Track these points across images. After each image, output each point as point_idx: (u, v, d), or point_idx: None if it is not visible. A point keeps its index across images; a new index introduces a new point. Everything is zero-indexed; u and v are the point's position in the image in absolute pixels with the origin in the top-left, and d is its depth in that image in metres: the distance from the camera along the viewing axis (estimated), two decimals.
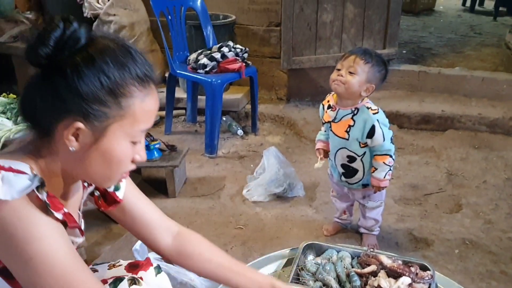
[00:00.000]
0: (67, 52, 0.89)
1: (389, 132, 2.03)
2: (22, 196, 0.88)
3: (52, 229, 0.91)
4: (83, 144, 0.94)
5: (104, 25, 3.75)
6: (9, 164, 0.90)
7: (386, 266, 1.59)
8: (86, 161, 0.97)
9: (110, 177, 1.02)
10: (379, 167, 2.04)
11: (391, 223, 2.50)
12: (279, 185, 2.72)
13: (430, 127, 3.66)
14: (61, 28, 0.88)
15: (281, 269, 1.71)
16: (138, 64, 0.95)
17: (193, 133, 3.65)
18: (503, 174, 3.03)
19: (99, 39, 0.94)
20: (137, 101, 0.95)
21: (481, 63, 4.65)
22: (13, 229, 0.87)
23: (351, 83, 1.93)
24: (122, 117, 0.94)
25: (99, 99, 0.90)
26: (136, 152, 1.01)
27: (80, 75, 0.88)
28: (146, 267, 1.26)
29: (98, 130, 0.93)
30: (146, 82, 0.96)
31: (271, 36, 3.96)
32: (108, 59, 0.91)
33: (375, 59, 1.96)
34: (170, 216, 2.49)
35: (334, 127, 2.09)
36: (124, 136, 0.96)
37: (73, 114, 0.90)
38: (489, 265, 2.21)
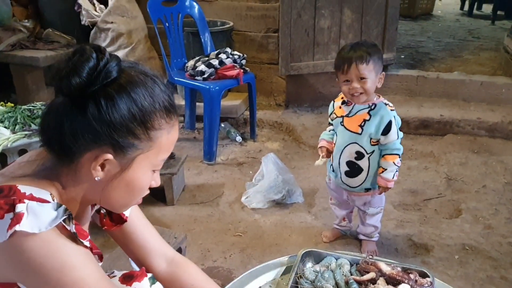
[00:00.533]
0: (100, 84, 0.89)
1: (400, 132, 2.03)
2: (50, 229, 0.87)
3: (85, 257, 0.92)
4: (108, 174, 0.95)
5: (101, 33, 3.76)
6: (30, 191, 0.89)
7: (385, 273, 1.57)
8: (108, 189, 0.98)
9: (128, 204, 1.06)
10: (389, 167, 2.02)
11: (391, 229, 2.49)
12: (278, 191, 2.71)
13: (429, 132, 3.66)
14: (94, 59, 0.88)
15: (279, 277, 1.69)
16: (165, 95, 0.96)
17: (191, 140, 3.64)
18: (502, 178, 3.02)
19: (128, 70, 0.94)
20: (164, 133, 0.96)
21: (480, 67, 4.65)
22: (44, 259, 0.86)
23: (368, 88, 1.95)
24: (149, 148, 0.95)
25: (130, 131, 0.91)
26: (153, 179, 1.04)
27: (114, 107, 0.89)
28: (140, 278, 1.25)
29: (125, 161, 0.95)
30: (172, 114, 0.98)
31: (269, 42, 3.96)
32: (139, 90, 0.92)
33: (370, 51, 1.93)
34: (169, 224, 2.52)
35: (346, 122, 2.07)
36: (148, 166, 0.99)
37: (103, 145, 0.91)
38: (489, 270, 2.19)
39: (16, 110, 2.74)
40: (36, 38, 3.95)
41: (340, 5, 3.69)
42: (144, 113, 0.92)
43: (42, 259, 0.86)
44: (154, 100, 0.94)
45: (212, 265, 2.21)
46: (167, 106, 0.96)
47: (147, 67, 1.00)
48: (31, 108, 2.80)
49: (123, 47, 3.77)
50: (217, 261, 2.24)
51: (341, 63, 1.97)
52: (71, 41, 3.93)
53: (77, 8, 3.83)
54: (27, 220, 0.85)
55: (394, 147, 2.02)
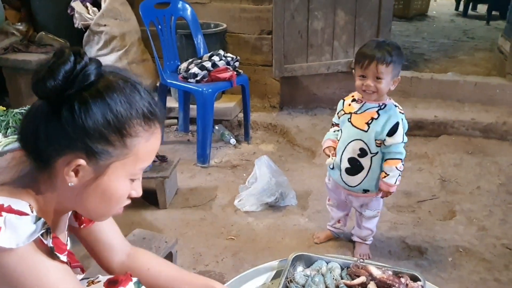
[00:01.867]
0: (76, 87, 0.87)
1: (405, 137, 2.03)
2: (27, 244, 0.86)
3: (60, 273, 0.91)
4: (82, 181, 0.93)
5: (94, 35, 3.75)
6: (9, 203, 0.87)
7: (375, 277, 1.56)
8: (84, 197, 0.96)
9: (106, 213, 1.03)
10: (391, 172, 2.01)
11: (384, 231, 2.48)
12: (271, 194, 2.70)
13: (423, 133, 3.65)
14: (71, 62, 0.87)
15: (270, 281, 1.68)
16: (145, 102, 0.94)
17: (185, 143, 3.62)
18: (497, 179, 3.01)
19: (108, 75, 0.92)
20: (142, 140, 0.94)
21: (474, 67, 4.65)
22: (22, 277, 0.86)
23: (382, 88, 1.95)
24: (125, 156, 0.93)
25: (104, 137, 0.89)
26: (133, 188, 1.01)
27: (88, 112, 0.87)
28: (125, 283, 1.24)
29: (99, 167, 0.92)
30: (151, 121, 0.95)
31: (263, 44, 3.96)
32: (115, 96, 0.89)
33: (393, 54, 1.93)
34: (161, 228, 2.51)
35: (354, 118, 2.06)
36: (125, 174, 0.96)
37: (76, 150, 0.89)
38: (483, 272, 2.19)
39: (8, 113, 2.72)
40: (29, 42, 3.94)
41: (333, 7, 3.68)
42: (119, 119, 0.90)
43: (18, 276, 0.85)
44: (132, 107, 0.91)
45: (204, 269, 2.20)
46: (145, 114, 0.93)
47: (130, 73, 0.98)
48: (23, 111, 2.78)
49: (116, 49, 3.75)
50: (209, 265, 2.23)
51: (362, 58, 1.96)
52: (64, 44, 3.91)
53: (70, 11, 3.82)
54: (4, 234, 0.83)
55: (397, 151, 2.01)
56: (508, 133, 3.54)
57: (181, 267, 1.40)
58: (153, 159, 1.02)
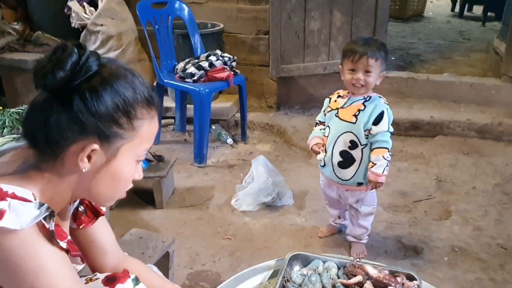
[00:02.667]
0: (83, 77, 0.92)
1: (391, 127, 2.08)
2: (30, 226, 0.89)
3: (59, 261, 0.93)
4: (94, 165, 0.98)
5: (91, 35, 3.74)
6: (13, 190, 0.90)
7: (372, 276, 1.57)
8: (94, 181, 1.00)
9: (113, 197, 1.07)
10: (378, 161, 2.04)
11: (380, 231, 2.49)
12: (268, 194, 2.70)
13: (419, 134, 3.66)
14: (76, 54, 0.92)
15: (267, 281, 1.69)
16: (145, 88, 1.01)
17: (182, 143, 3.63)
18: (492, 180, 3.02)
19: (108, 64, 0.98)
20: (146, 122, 1.00)
21: (470, 68, 4.67)
22: (21, 261, 0.88)
23: (370, 82, 2.03)
24: (132, 137, 0.99)
25: (115, 120, 0.95)
26: (135, 171, 1.06)
27: (99, 98, 0.92)
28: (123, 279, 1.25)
29: (110, 151, 0.97)
30: (152, 105, 1.02)
31: (259, 44, 3.96)
32: (121, 82, 0.96)
33: (381, 49, 2.02)
34: (158, 228, 2.51)
35: (341, 112, 2.11)
36: (132, 156, 1.02)
37: (89, 136, 0.94)
38: (478, 272, 2.20)
39: (5, 113, 2.71)
40: (25, 41, 3.93)
41: (329, 7, 3.69)
42: (127, 103, 0.96)
43: (19, 260, 0.88)
44: (136, 92, 0.97)
45: (200, 269, 2.20)
46: (147, 97, 1.00)
47: (123, 62, 1.04)
48: (20, 111, 2.77)
49: (113, 49, 3.75)
50: (205, 265, 2.23)
51: (352, 52, 2.02)
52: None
53: (67, 11, 3.81)
54: (9, 216, 0.86)
55: (383, 139, 2.04)
56: (504, 134, 3.55)
57: (164, 278, 1.43)
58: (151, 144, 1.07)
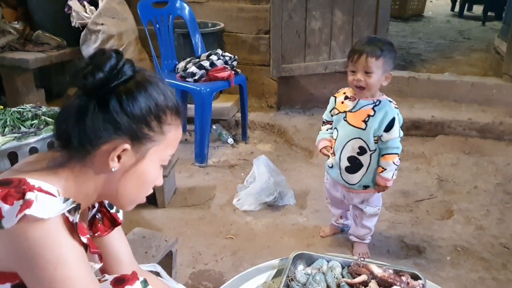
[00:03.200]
0: (118, 81, 0.97)
1: (401, 131, 2.04)
2: (57, 217, 0.91)
3: (78, 255, 0.95)
4: (123, 165, 1.01)
5: (92, 34, 3.73)
6: (39, 184, 0.93)
7: (376, 275, 1.56)
8: (121, 182, 1.04)
9: (136, 199, 1.11)
10: (388, 167, 2.03)
11: (382, 231, 2.48)
12: (270, 193, 2.70)
13: (420, 133, 3.66)
14: (114, 58, 0.97)
15: (271, 280, 1.68)
16: (173, 96, 1.06)
17: (183, 142, 3.61)
18: (493, 179, 3.02)
19: (142, 71, 1.04)
20: (173, 128, 1.04)
21: (471, 68, 4.68)
22: (43, 251, 0.89)
23: (372, 83, 1.96)
24: (161, 141, 1.03)
25: (147, 123, 0.99)
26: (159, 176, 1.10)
27: (134, 100, 0.97)
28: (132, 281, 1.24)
29: (140, 152, 1.02)
30: (179, 113, 1.06)
31: (260, 44, 3.96)
32: (154, 88, 1.01)
33: (384, 48, 1.94)
34: (160, 227, 2.51)
35: (350, 117, 2.06)
36: (158, 160, 1.06)
37: (122, 135, 0.98)
38: (481, 271, 2.20)
39: (6, 112, 2.70)
40: (26, 40, 3.92)
41: (331, 7, 3.69)
42: (158, 107, 1.00)
43: (41, 251, 0.89)
44: (166, 98, 1.02)
45: (203, 268, 2.20)
46: (176, 105, 1.05)
47: None
48: (20, 110, 2.77)
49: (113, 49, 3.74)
50: (208, 264, 2.23)
51: (352, 52, 1.98)
52: (61, 43, 3.90)
53: (67, 10, 3.80)
54: (36, 205, 0.87)
55: (394, 145, 2.02)
56: (505, 133, 3.56)
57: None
58: None
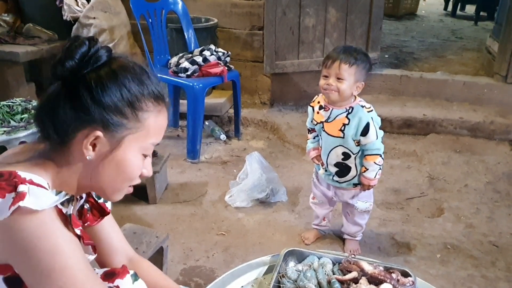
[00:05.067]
0: (91, 67, 0.96)
1: (380, 132, 2.06)
2: (50, 208, 0.91)
3: (74, 245, 0.95)
4: (99, 154, 0.99)
5: (83, 28, 3.70)
6: (30, 177, 0.92)
7: (367, 272, 1.56)
8: (99, 170, 1.01)
9: (119, 189, 1.07)
10: (370, 167, 2.06)
11: (373, 228, 2.49)
12: (262, 190, 2.70)
13: (412, 131, 3.68)
14: (86, 45, 0.96)
15: (262, 277, 1.68)
16: (153, 82, 1.03)
17: (175, 138, 3.60)
18: (484, 178, 3.05)
19: (118, 57, 1.02)
20: (152, 115, 1.02)
21: (462, 67, 4.70)
22: (39, 241, 0.89)
23: (342, 89, 1.97)
24: (137, 129, 1.00)
25: (119, 110, 0.97)
26: (144, 167, 1.07)
27: (104, 88, 0.95)
28: (122, 275, 1.24)
29: (114, 140, 0.99)
30: (159, 99, 1.04)
31: (254, 40, 3.95)
32: (128, 75, 0.99)
33: (358, 58, 1.97)
34: (151, 223, 2.49)
35: (327, 127, 2.09)
36: (138, 148, 1.03)
37: (93, 123, 0.96)
38: (470, 269, 2.21)
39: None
40: (16, 33, 3.87)
41: (325, 4, 3.69)
42: (132, 94, 0.98)
43: (36, 241, 0.89)
44: (142, 84, 1.00)
45: (194, 264, 2.19)
46: (154, 92, 1.02)
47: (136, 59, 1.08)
48: (10, 104, 2.75)
49: (105, 43, 3.71)
50: (199, 260, 2.22)
51: (326, 58, 2.02)
52: (53, 36, 3.86)
53: (58, 3, 3.76)
54: (29, 198, 0.88)
55: (374, 147, 2.05)
56: (495, 132, 3.58)
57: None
58: (161, 137, 1.08)
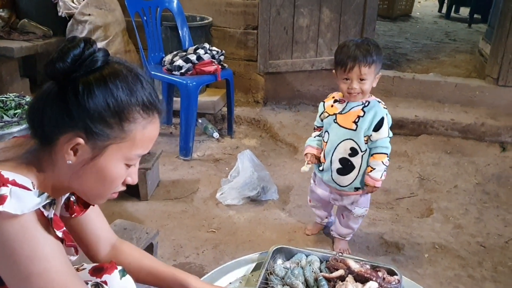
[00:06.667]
0: (83, 71, 0.94)
1: (390, 132, 2.05)
2: (30, 212, 0.91)
3: (54, 248, 0.95)
4: (80, 159, 0.98)
5: (78, 25, 3.70)
6: (13, 177, 0.92)
7: (353, 270, 1.59)
8: (81, 176, 1.00)
9: (101, 195, 1.07)
10: (377, 166, 2.03)
11: (363, 227, 2.51)
12: (253, 188, 2.71)
13: (404, 132, 3.70)
14: (81, 47, 0.94)
15: (249, 273, 1.70)
16: (146, 92, 1.00)
17: (168, 135, 3.62)
18: (473, 179, 3.08)
19: (114, 63, 0.99)
20: (139, 127, 0.99)
21: (455, 69, 4.73)
22: (18, 245, 0.90)
23: (366, 89, 1.99)
24: (122, 139, 0.98)
25: (103, 119, 0.95)
26: (128, 175, 1.06)
27: (90, 94, 0.93)
28: (110, 270, 1.26)
29: (97, 148, 0.97)
30: (150, 110, 1.01)
31: (248, 39, 3.96)
32: (118, 83, 0.96)
33: (374, 54, 1.94)
34: (142, 219, 2.51)
35: (340, 119, 2.06)
36: (120, 158, 1.01)
37: (76, 129, 0.95)
38: (457, 269, 2.24)
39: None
40: (11, 29, 3.86)
41: (319, 4, 3.71)
42: (119, 104, 0.95)
43: (16, 245, 0.89)
44: (132, 94, 0.97)
45: (184, 261, 2.21)
46: (145, 102, 0.99)
47: (136, 66, 1.03)
48: (3, 99, 2.74)
49: (100, 40, 3.71)
50: (189, 257, 2.24)
51: (344, 60, 1.95)
52: (48, 32, 3.86)
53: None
54: (10, 202, 0.88)
55: (384, 145, 2.03)
56: (486, 134, 3.61)
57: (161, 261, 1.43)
58: (150, 148, 1.06)
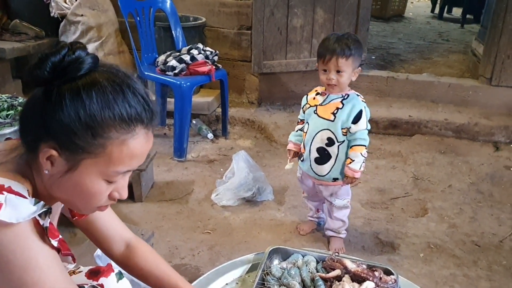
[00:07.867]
0: (62, 80, 0.88)
1: (368, 124, 2.12)
2: (26, 221, 0.89)
3: (49, 258, 0.93)
4: (57, 170, 0.94)
5: (71, 25, 3.68)
6: (9, 184, 0.90)
7: (350, 270, 1.59)
8: (60, 187, 0.97)
9: (85, 208, 1.03)
10: (356, 158, 2.09)
11: (358, 227, 2.52)
12: (248, 189, 2.71)
13: (398, 132, 3.72)
14: (61, 54, 0.88)
15: (246, 274, 1.70)
16: (127, 105, 0.91)
17: (162, 136, 3.60)
18: (467, 178, 3.09)
19: (96, 73, 0.91)
20: (114, 142, 0.91)
21: (448, 69, 4.75)
22: (12, 254, 0.88)
23: (343, 81, 2.06)
24: (97, 155, 0.92)
25: (74, 132, 0.88)
26: (115, 190, 1.00)
27: (61, 105, 0.87)
28: (107, 273, 1.25)
29: (71, 161, 0.92)
30: (130, 125, 0.92)
31: (242, 40, 3.96)
32: (94, 94, 0.88)
33: (352, 47, 2.02)
34: (137, 221, 2.49)
35: (320, 110, 2.14)
36: (97, 174, 0.94)
37: (50, 140, 0.90)
38: (452, 268, 2.25)
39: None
40: (2, 29, 3.83)
41: (312, 5, 3.71)
42: (91, 118, 0.89)
43: (10, 255, 0.87)
44: (108, 108, 0.89)
45: (179, 263, 2.19)
46: (123, 117, 0.91)
47: (131, 75, 0.97)
48: None
49: (93, 40, 3.70)
50: (185, 259, 2.23)
51: (323, 53, 2.05)
52: (40, 33, 3.83)
53: (46, 0, 3.74)
54: (5, 210, 0.86)
55: (362, 137, 2.09)
56: (479, 134, 3.63)
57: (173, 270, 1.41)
58: (137, 165, 0.98)
